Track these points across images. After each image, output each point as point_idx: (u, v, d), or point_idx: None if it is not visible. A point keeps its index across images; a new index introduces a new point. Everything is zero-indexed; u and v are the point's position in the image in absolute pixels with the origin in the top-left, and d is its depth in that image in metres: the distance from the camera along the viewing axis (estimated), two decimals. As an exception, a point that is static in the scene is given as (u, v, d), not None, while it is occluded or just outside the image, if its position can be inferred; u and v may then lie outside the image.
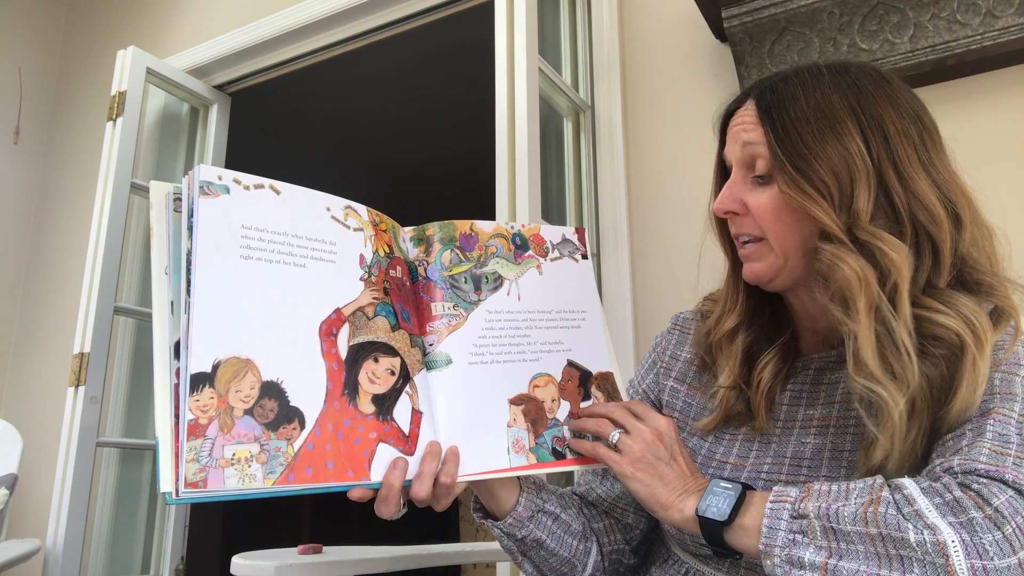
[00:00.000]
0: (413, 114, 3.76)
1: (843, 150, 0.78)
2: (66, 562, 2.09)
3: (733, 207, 0.86)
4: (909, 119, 0.81)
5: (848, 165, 0.78)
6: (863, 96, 0.81)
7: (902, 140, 0.79)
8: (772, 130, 0.82)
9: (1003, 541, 0.63)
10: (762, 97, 0.85)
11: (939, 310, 0.74)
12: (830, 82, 0.82)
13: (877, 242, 0.75)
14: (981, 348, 0.72)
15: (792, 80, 0.84)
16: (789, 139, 0.80)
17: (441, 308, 0.87)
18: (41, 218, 3.08)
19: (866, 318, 0.74)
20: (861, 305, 0.74)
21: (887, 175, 0.78)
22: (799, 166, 0.79)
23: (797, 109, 0.81)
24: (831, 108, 0.80)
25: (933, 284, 0.77)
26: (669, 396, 0.99)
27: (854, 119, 0.79)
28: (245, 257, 0.74)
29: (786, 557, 0.68)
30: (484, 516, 0.92)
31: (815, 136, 0.79)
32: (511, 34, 1.68)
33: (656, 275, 1.80)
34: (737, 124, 0.87)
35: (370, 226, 0.85)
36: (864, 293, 0.74)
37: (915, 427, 0.74)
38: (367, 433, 0.76)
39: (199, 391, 0.67)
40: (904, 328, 0.73)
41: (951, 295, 0.76)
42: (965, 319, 0.74)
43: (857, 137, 0.79)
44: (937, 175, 0.80)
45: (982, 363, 0.72)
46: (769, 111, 0.83)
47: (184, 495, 0.64)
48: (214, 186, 0.75)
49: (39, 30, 3.19)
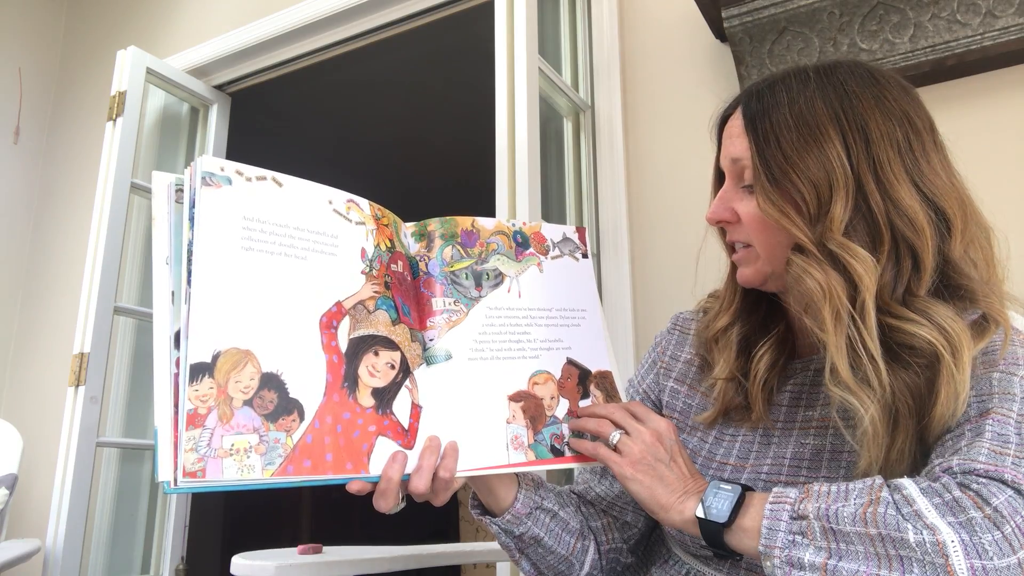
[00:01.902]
0: (413, 114, 3.77)
1: (823, 158, 0.78)
2: (66, 562, 2.09)
3: (725, 216, 0.87)
4: (895, 120, 0.80)
5: (827, 173, 0.78)
6: (847, 99, 0.81)
7: (885, 144, 0.79)
8: (755, 141, 0.83)
9: (1002, 541, 0.63)
10: (748, 105, 0.86)
11: (913, 320, 0.74)
12: (815, 86, 0.83)
13: (845, 254, 0.76)
14: (957, 357, 0.72)
15: (778, 86, 0.84)
16: (769, 149, 0.81)
17: (442, 303, 0.87)
18: (41, 218, 3.08)
19: (832, 328, 0.75)
20: (826, 315, 0.75)
21: (866, 181, 0.78)
22: (777, 178, 0.80)
23: (779, 117, 0.82)
24: (813, 114, 0.80)
25: (912, 292, 0.77)
26: (669, 397, 0.99)
27: (836, 124, 0.80)
28: (246, 248, 0.74)
29: (786, 558, 0.68)
30: (482, 512, 0.92)
31: (794, 145, 0.80)
32: (511, 34, 1.68)
33: (656, 275, 1.80)
34: (727, 134, 0.88)
35: (372, 220, 0.85)
36: (828, 304, 0.75)
37: (900, 436, 0.74)
38: (366, 426, 0.76)
39: (199, 381, 0.67)
40: (870, 338, 0.74)
41: (928, 304, 0.75)
42: (940, 328, 0.73)
43: (838, 143, 0.79)
44: (923, 179, 0.79)
45: (959, 372, 0.72)
46: (753, 120, 0.84)
47: (182, 484, 0.64)
48: (216, 177, 0.75)
49: (39, 30, 3.20)
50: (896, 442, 0.74)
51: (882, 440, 0.74)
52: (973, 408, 0.74)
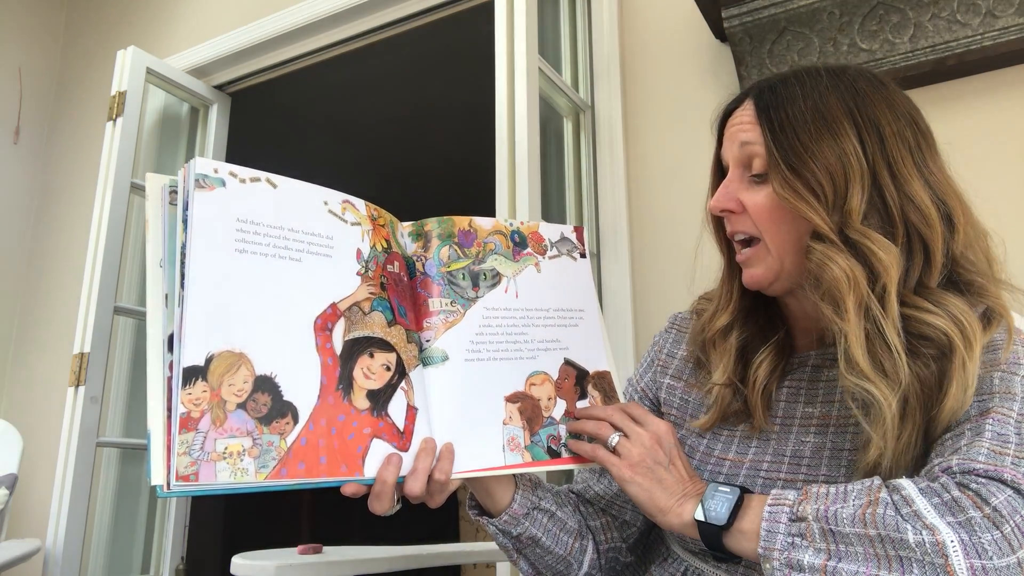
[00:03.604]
0: (413, 114, 3.76)
1: (839, 150, 0.79)
2: (66, 562, 2.09)
3: (729, 205, 0.86)
4: (905, 121, 0.81)
5: (843, 165, 0.78)
6: (860, 97, 0.82)
7: (897, 141, 0.80)
8: (770, 130, 0.82)
9: (1002, 540, 0.63)
10: (760, 97, 0.86)
11: (928, 310, 0.75)
12: (828, 83, 0.83)
13: (867, 242, 0.76)
14: (970, 348, 0.73)
15: (791, 81, 0.85)
16: (786, 138, 0.81)
17: (438, 304, 0.87)
18: (41, 218, 3.08)
19: (855, 317, 0.75)
20: (850, 304, 0.75)
21: (881, 175, 0.79)
22: (794, 166, 0.80)
23: (795, 109, 0.82)
24: (828, 109, 0.81)
25: (924, 284, 0.77)
26: (666, 393, 0.99)
27: (851, 120, 0.80)
28: (240, 251, 0.74)
29: (785, 560, 0.68)
30: (479, 513, 0.92)
31: (811, 136, 0.80)
32: (511, 34, 1.68)
33: (656, 275, 1.80)
34: (735, 124, 0.87)
35: (368, 220, 0.85)
36: (853, 292, 0.75)
37: (908, 426, 0.75)
38: (361, 428, 0.76)
39: (192, 384, 0.67)
40: (892, 327, 0.74)
41: (941, 295, 0.76)
42: (954, 319, 0.74)
43: (853, 137, 0.79)
44: (931, 176, 0.80)
45: (971, 363, 0.72)
46: (767, 110, 0.84)
47: (175, 488, 0.64)
48: (210, 179, 0.74)
49: (39, 30, 3.20)
50: (904, 433, 0.74)
51: (896, 431, 0.74)
52: (973, 407, 0.74)
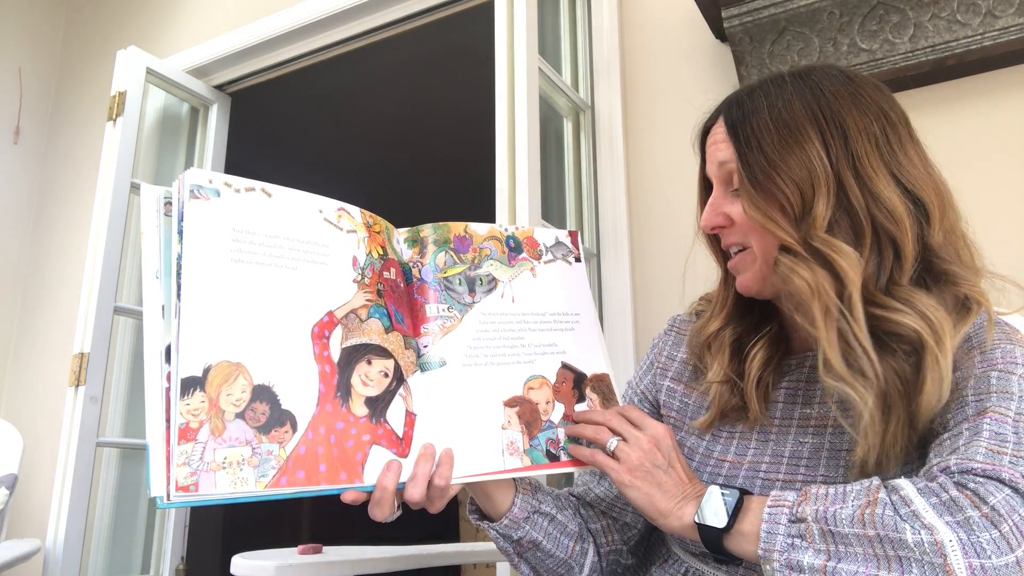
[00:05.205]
0: (413, 114, 3.76)
1: (804, 157, 0.80)
2: (66, 562, 2.09)
3: (718, 221, 0.88)
4: (872, 115, 0.82)
5: (809, 173, 0.79)
6: (824, 98, 0.83)
7: (862, 138, 0.81)
8: (737, 147, 0.84)
9: (1000, 539, 0.63)
10: (729, 112, 0.87)
11: (897, 309, 0.76)
12: (792, 89, 0.84)
13: (829, 251, 0.77)
14: (940, 343, 0.74)
15: (756, 92, 0.86)
16: (752, 155, 0.82)
17: (435, 310, 0.87)
18: (41, 218, 3.08)
19: (823, 323, 0.76)
20: (816, 312, 0.77)
21: (845, 177, 0.79)
22: (760, 182, 0.81)
23: (759, 121, 0.83)
24: (792, 116, 0.82)
25: (896, 281, 0.78)
26: (666, 396, 0.99)
27: (814, 123, 0.81)
28: (236, 260, 0.74)
29: (785, 561, 0.68)
30: (480, 518, 0.92)
31: (776, 147, 0.81)
32: (511, 34, 1.68)
33: (656, 275, 1.80)
34: (712, 143, 0.89)
35: (363, 228, 0.85)
36: (817, 300, 0.77)
37: (892, 421, 0.75)
38: (360, 436, 0.76)
39: (190, 395, 0.67)
40: (860, 329, 0.75)
41: (911, 293, 0.77)
42: (923, 316, 0.75)
43: (817, 142, 0.80)
44: (901, 171, 0.81)
45: (943, 357, 0.74)
46: (735, 127, 0.86)
47: (175, 499, 0.64)
48: (204, 189, 0.74)
49: (39, 30, 3.20)
50: (890, 427, 0.75)
51: (879, 427, 0.75)
52: (971, 407, 0.74)
